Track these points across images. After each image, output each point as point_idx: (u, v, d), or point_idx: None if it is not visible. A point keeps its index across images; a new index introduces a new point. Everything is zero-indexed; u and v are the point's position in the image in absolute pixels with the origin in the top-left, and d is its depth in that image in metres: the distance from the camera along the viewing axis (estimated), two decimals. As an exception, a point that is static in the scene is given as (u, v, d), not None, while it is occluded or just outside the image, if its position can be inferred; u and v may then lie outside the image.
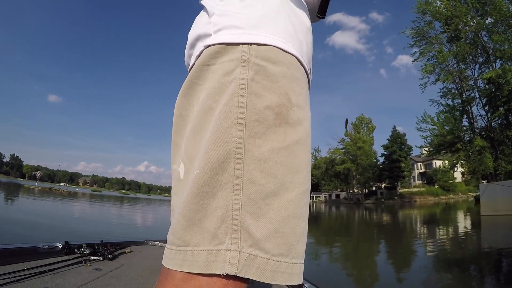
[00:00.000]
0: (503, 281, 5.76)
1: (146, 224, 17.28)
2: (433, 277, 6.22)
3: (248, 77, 0.59)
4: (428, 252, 8.96)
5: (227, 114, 0.57)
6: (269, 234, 0.54)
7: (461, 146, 30.45)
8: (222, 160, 0.55)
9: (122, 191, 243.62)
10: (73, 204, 28.37)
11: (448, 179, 61.22)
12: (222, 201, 0.54)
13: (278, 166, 0.57)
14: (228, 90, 0.59)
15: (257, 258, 0.53)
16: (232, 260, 0.52)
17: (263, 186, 0.55)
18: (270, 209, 0.55)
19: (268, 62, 0.60)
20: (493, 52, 28.96)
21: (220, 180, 0.55)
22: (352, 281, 6.29)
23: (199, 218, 0.54)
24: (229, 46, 0.61)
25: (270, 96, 0.59)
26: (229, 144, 0.55)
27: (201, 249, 0.53)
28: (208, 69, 0.63)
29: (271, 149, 0.57)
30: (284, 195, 0.56)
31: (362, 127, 66.26)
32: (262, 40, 0.62)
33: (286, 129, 0.59)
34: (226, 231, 0.53)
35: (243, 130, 0.56)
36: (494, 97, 29.48)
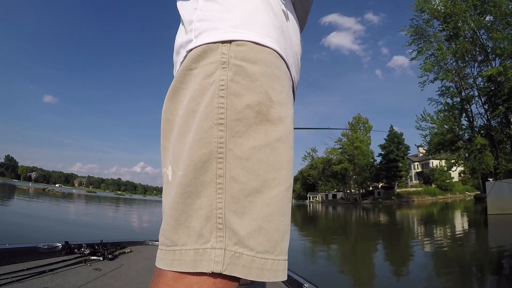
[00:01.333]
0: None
1: (143, 225, 17.11)
2: (443, 278, 6.03)
3: (227, 78, 0.60)
4: (437, 253, 8.74)
5: (207, 115, 0.58)
6: (253, 231, 0.55)
7: (462, 145, 30.45)
8: (204, 160, 0.56)
9: (118, 192, 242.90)
10: (65, 205, 27.81)
11: (445, 178, 61.34)
12: (206, 200, 0.55)
13: (260, 164, 0.58)
14: (208, 92, 0.60)
15: (242, 256, 0.54)
16: (217, 259, 0.53)
17: (245, 184, 0.56)
18: (253, 206, 0.56)
19: (247, 62, 0.61)
20: (493, 50, 28.92)
21: (203, 180, 0.56)
22: (359, 282, 6.17)
23: (185, 218, 0.55)
24: (209, 49, 0.63)
25: (250, 95, 0.60)
26: (211, 144, 0.57)
27: (188, 248, 0.54)
28: (190, 73, 0.64)
29: (252, 147, 0.58)
30: (267, 192, 0.57)
31: (359, 127, 66.26)
32: (239, 36, 0.63)
33: (267, 127, 0.60)
34: (211, 229, 0.54)
35: (224, 130, 0.57)
36: (494, 95, 29.45)
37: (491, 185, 20.61)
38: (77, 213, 20.96)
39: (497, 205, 19.05)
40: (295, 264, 6.70)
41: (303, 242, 11.14)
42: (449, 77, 30.87)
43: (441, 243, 10.51)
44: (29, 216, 14.77)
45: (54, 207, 24.17)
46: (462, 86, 31.96)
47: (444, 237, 12.07)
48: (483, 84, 30.74)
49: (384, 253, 9.42)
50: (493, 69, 26.93)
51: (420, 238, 11.85)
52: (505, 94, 27.11)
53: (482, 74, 28.42)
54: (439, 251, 8.94)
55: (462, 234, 13.10)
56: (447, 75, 30.81)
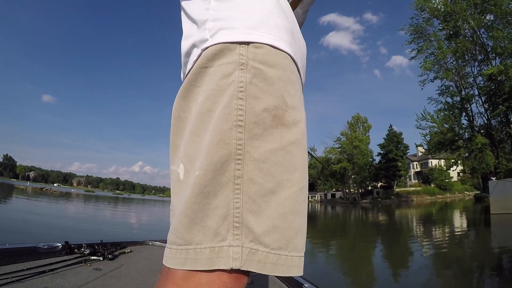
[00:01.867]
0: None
1: (142, 225, 17.02)
2: (447, 279, 5.90)
3: (246, 80, 0.60)
4: (440, 253, 8.61)
5: (227, 116, 0.59)
6: (268, 229, 0.56)
7: (462, 144, 30.46)
8: (223, 161, 0.57)
9: (116, 192, 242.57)
10: (61, 205, 27.49)
11: (444, 178, 61.35)
12: (223, 200, 0.56)
13: (275, 166, 0.59)
14: (227, 92, 0.60)
15: (258, 252, 0.56)
16: (235, 255, 0.54)
17: (261, 185, 0.58)
18: (268, 206, 0.57)
19: (265, 65, 0.62)
20: (493, 49, 28.89)
21: (221, 180, 0.57)
22: (364, 284, 6.11)
23: (201, 217, 0.56)
24: (226, 48, 0.63)
25: (267, 98, 0.61)
26: (230, 146, 0.58)
27: (204, 247, 0.55)
28: (206, 71, 0.64)
29: (268, 150, 0.59)
30: (282, 193, 0.59)
31: (358, 126, 66.18)
32: (257, 38, 0.64)
33: (282, 130, 0.61)
34: (228, 228, 0.56)
35: (242, 132, 0.58)
36: (494, 94, 29.46)
37: (494, 184, 20.37)
38: (72, 213, 20.71)
39: (500, 205, 18.88)
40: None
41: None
42: (449, 75, 30.88)
43: (445, 243, 10.40)
44: (24, 215, 14.67)
45: (50, 206, 24.00)
46: (462, 85, 32.00)
47: (447, 237, 11.97)
48: (483, 83, 30.78)
49: (387, 253, 9.33)
50: (494, 68, 26.92)
51: (423, 238, 11.71)
52: (506, 93, 27.15)
53: (483, 73, 28.40)
54: (442, 252, 8.83)
55: (465, 233, 13.00)
56: (448, 74, 30.83)
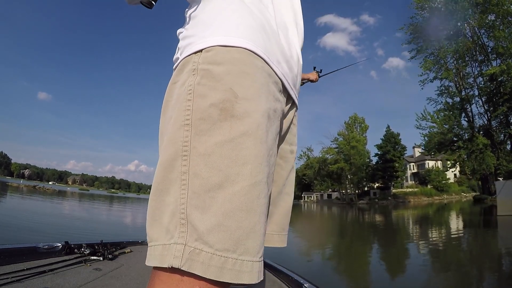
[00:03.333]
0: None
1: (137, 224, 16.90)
2: (465, 282, 5.64)
3: (194, 82, 0.64)
4: (451, 257, 8.29)
5: (177, 118, 0.63)
6: (212, 227, 0.54)
7: (463, 144, 30.31)
8: (172, 159, 0.60)
9: (111, 190, 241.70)
10: (52, 203, 27.02)
11: (441, 179, 61.49)
12: (172, 197, 0.58)
13: (222, 159, 0.58)
14: (180, 98, 0.65)
15: (202, 252, 0.53)
16: (177, 253, 0.53)
17: (206, 179, 0.57)
18: (214, 202, 0.56)
19: (213, 65, 0.65)
20: (494, 49, 28.78)
21: (171, 178, 0.59)
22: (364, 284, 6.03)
23: (159, 214, 0.59)
24: (186, 62, 0.69)
25: (214, 94, 0.62)
26: (177, 144, 0.61)
27: (158, 244, 0.57)
28: (174, 86, 0.70)
29: (215, 143, 0.59)
30: (229, 188, 0.56)
31: (355, 126, 66.23)
32: (207, 43, 0.68)
33: (231, 122, 0.60)
34: (176, 225, 0.56)
35: (189, 130, 0.60)
36: (495, 94, 29.41)
37: (501, 184, 19.70)
38: (61, 212, 20.21)
39: (508, 206, 18.12)
40: (294, 264, 6.53)
41: (298, 242, 10.92)
42: (450, 75, 30.77)
43: (455, 246, 10.06)
44: (10, 214, 14.39)
45: (39, 204, 23.55)
46: (462, 86, 31.95)
47: (456, 239, 11.55)
48: (483, 83, 30.76)
49: (391, 255, 8.99)
50: (496, 68, 26.84)
51: (432, 241, 11.33)
52: (507, 93, 27.08)
53: (485, 73, 28.31)
54: (454, 255, 8.52)
55: (474, 235, 12.53)
56: (448, 73, 30.71)
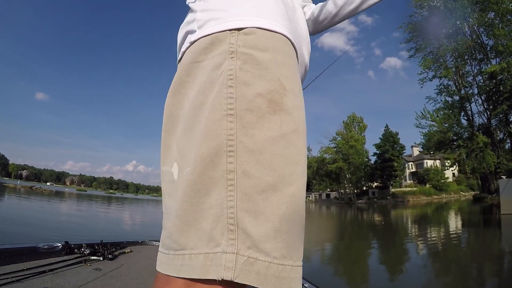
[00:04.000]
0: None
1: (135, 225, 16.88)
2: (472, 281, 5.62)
3: (236, 67, 0.57)
4: (457, 257, 8.18)
5: (216, 106, 0.55)
6: (269, 233, 0.49)
7: (463, 143, 30.30)
8: (213, 154, 0.52)
9: (109, 191, 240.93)
10: (48, 204, 26.74)
11: (440, 178, 61.55)
12: (216, 199, 0.51)
13: (276, 157, 0.53)
14: (217, 83, 0.56)
15: (257, 261, 0.48)
16: (228, 264, 0.48)
17: (259, 179, 0.51)
18: (268, 204, 0.50)
19: (256, 50, 0.58)
20: (494, 48, 28.78)
21: (213, 176, 0.52)
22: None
23: (195, 218, 0.51)
24: (216, 40, 0.60)
25: (260, 83, 0.56)
26: (220, 137, 0.53)
27: (198, 253, 0.50)
28: (197, 66, 0.62)
29: (266, 138, 0.53)
30: (285, 189, 0.52)
31: (354, 126, 66.26)
32: (247, 23, 0.60)
33: (281, 116, 0.56)
34: (222, 231, 0.49)
35: (233, 121, 0.53)
36: (495, 92, 29.42)
37: (504, 183, 19.34)
38: (57, 212, 20.13)
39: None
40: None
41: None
42: (449, 74, 30.74)
43: (457, 247, 9.95)
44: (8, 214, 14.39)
45: (34, 205, 23.51)
46: (462, 84, 31.94)
47: (460, 239, 11.43)
48: (483, 82, 30.80)
49: (393, 256, 8.84)
50: (496, 66, 26.78)
51: (435, 240, 11.22)
52: (507, 91, 27.06)
53: (485, 71, 28.28)
54: (460, 255, 8.45)
55: (479, 235, 12.37)
56: (448, 72, 30.67)
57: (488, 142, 28.50)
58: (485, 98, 30.80)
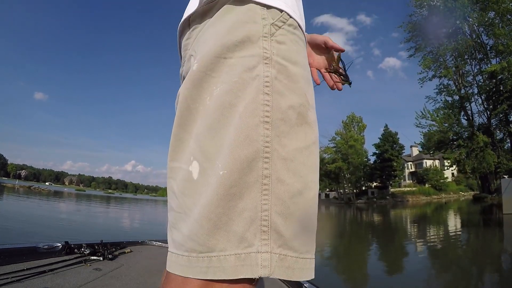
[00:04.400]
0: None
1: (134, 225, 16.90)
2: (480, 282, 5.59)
3: (271, 75, 0.57)
4: (462, 257, 8.18)
5: (253, 111, 0.55)
6: (297, 232, 0.55)
7: (463, 143, 30.26)
8: (250, 160, 0.53)
9: (108, 191, 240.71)
10: (45, 204, 26.86)
11: (439, 178, 61.59)
12: (250, 202, 0.53)
13: (302, 165, 0.57)
14: (251, 87, 0.56)
15: (287, 257, 0.53)
16: (264, 263, 0.51)
17: (290, 185, 0.55)
18: (296, 207, 0.55)
19: (288, 62, 0.60)
20: (494, 47, 28.72)
21: (248, 181, 0.53)
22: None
23: (226, 221, 0.52)
24: (248, 40, 0.59)
25: (292, 96, 0.59)
26: (257, 143, 0.54)
27: (228, 254, 0.51)
28: (224, 62, 0.59)
29: (295, 148, 0.57)
30: (308, 194, 0.57)
31: (353, 125, 66.18)
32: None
33: (306, 129, 0.60)
34: (255, 233, 0.52)
35: (269, 128, 0.55)
36: (495, 92, 29.38)
37: (506, 182, 19.40)
38: (57, 212, 20.23)
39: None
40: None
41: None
42: (449, 73, 30.67)
43: (460, 247, 9.93)
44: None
45: (32, 205, 23.48)
46: (462, 84, 31.93)
47: (461, 240, 11.38)
48: (483, 82, 30.78)
49: (399, 255, 8.83)
50: (496, 65, 26.75)
51: (438, 241, 11.16)
52: (508, 91, 27.03)
53: (486, 70, 28.25)
54: (465, 255, 8.41)
55: (480, 235, 12.31)
56: (448, 71, 30.62)
57: (489, 141, 28.47)
58: (485, 97, 30.81)
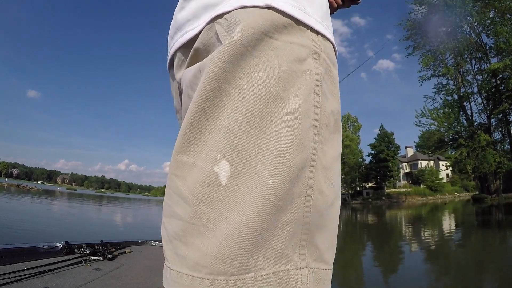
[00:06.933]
0: None
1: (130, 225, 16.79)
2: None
3: (321, 73, 0.52)
4: (472, 261, 7.83)
5: (306, 112, 0.49)
6: (330, 245, 0.54)
7: (464, 142, 30.14)
8: (300, 168, 0.47)
9: (101, 190, 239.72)
10: (29, 203, 26.16)
11: (435, 179, 61.78)
12: (293, 215, 0.47)
13: (335, 175, 0.55)
14: (301, 82, 0.49)
15: (320, 271, 0.50)
16: (303, 279, 0.47)
17: (327, 196, 0.52)
18: (329, 219, 0.53)
19: (331, 63, 0.55)
20: (495, 46, 28.61)
21: (293, 191, 0.47)
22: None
23: (267, 237, 0.45)
24: (296, 26, 0.51)
25: (333, 100, 0.55)
26: (308, 150, 0.48)
27: (266, 273, 0.45)
28: (269, 43, 0.49)
29: (332, 156, 0.54)
30: (337, 204, 0.56)
31: (348, 125, 66.28)
32: (327, 33, 0.56)
33: (338, 136, 0.57)
34: (294, 248, 0.47)
35: (317, 134, 0.50)
36: (496, 91, 29.36)
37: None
38: (36, 213, 19.74)
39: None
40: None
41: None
42: (450, 71, 30.64)
43: (475, 249, 9.56)
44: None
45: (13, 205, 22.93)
46: (461, 83, 31.88)
47: (475, 242, 10.98)
48: (483, 81, 30.72)
49: (421, 262, 8.52)
50: (499, 63, 26.70)
51: (437, 241, 10.78)
52: (510, 89, 26.96)
53: (488, 68, 28.13)
54: (476, 260, 8.06)
55: (491, 236, 11.78)
56: (448, 70, 30.58)
57: (490, 140, 28.47)
58: (485, 96, 30.78)
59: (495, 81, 29.08)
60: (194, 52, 0.58)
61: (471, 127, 30.72)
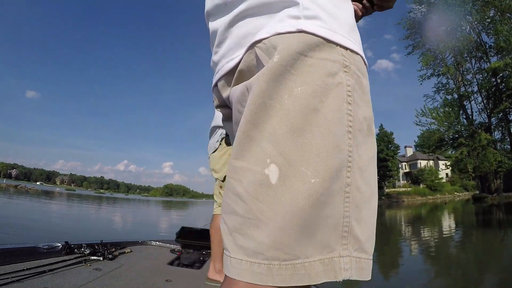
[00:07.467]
0: None
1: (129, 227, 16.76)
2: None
3: (352, 84, 0.59)
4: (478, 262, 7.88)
5: (340, 120, 0.56)
6: (369, 236, 0.59)
7: (465, 141, 30.21)
8: (338, 169, 0.55)
9: (100, 191, 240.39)
10: (26, 204, 26.38)
11: (435, 179, 61.84)
12: (334, 210, 0.54)
13: (371, 175, 0.62)
14: (334, 94, 0.56)
15: (361, 260, 0.57)
16: (346, 266, 0.54)
17: (364, 193, 0.59)
18: (367, 214, 0.60)
19: (361, 74, 0.62)
20: (496, 44, 28.59)
21: (334, 188, 0.54)
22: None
23: (313, 228, 0.53)
24: (327, 44, 0.58)
25: (365, 107, 0.61)
26: (344, 153, 0.55)
27: (313, 260, 0.52)
28: (304, 61, 0.57)
29: (368, 158, 0.60)
30: (373, 201, 0.62)
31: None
32: (354, 47, 0.62)
33: (372, 140, 0.63)
34: (337, 238, 0.54)
35: (352, 138, 0.57)
36: (496, 90, 29.40)
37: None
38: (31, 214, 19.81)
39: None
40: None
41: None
42: (450, 70, 30.69)
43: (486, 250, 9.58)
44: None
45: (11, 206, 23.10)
46: (461, 82, 31.91)
47: (486, 243, 11.06)
48: (483, 80, 30.75)
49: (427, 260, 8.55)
50: (500, 62, 26.76)
51: (439, 242, 10.80)
52: (510, 88, 27.01)
53: (488, 67, 28.19)
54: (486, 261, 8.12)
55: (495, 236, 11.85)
56: (449, 69, 30.63)
57: (491, 140, 28.51)
58: (485, 96, 30.81)
59: (495, 80, 29.11)
60: (239, 74, 0.67)
61: (471, 126, 30.71)
